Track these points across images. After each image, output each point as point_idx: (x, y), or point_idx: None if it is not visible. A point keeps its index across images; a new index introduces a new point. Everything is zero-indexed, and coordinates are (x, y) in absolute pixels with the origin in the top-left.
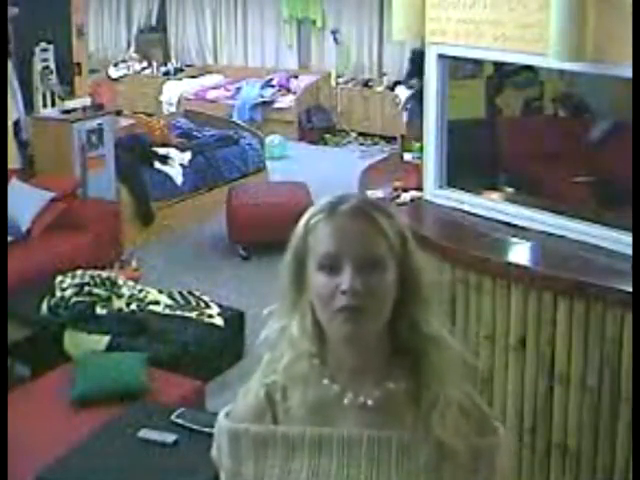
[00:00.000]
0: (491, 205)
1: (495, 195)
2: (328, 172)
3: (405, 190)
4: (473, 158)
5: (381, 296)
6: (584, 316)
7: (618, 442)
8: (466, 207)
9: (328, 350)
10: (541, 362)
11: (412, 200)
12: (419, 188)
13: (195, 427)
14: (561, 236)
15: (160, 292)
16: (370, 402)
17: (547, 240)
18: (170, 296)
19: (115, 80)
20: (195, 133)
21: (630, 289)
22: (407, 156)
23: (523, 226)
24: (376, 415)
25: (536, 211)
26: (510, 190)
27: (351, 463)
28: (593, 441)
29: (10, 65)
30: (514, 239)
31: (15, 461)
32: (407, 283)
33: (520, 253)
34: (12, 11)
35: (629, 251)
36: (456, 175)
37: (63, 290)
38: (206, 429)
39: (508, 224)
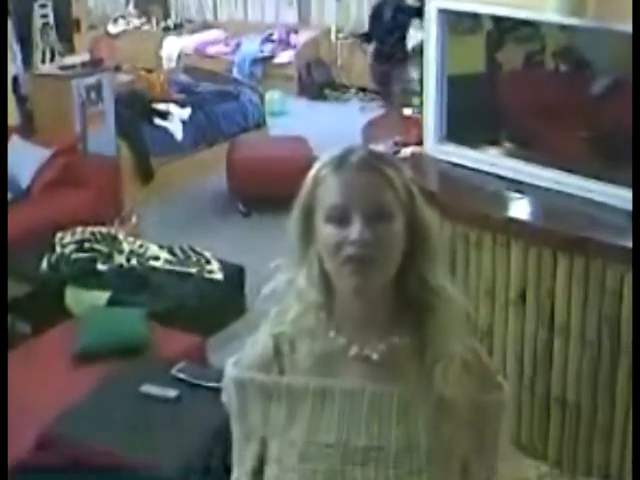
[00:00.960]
0: (491, 160)
1: (495, 150)
2: (328, 127)
3: (405, 145)
4: (473, 113)
5: (389, 247)
6: (584, 271)
7: (617, 396)
8: (466, 162)
9: (335, 303)
10: (541, 316)
11: (412, 155)
12: (419, 143)
13: (196, 382)
14: (561, 192)
15: (160, 247)
16: (375, 356)
17: (547, 196)
18: (170, 251)
19: (114, 36)
20: (195, 89)
21: (630, 244)
22: (407, 111)
23: (523, 181)
24: (380, 369)
25: (536, 166)
26: (510, 145)
27: (353, 414)
28: (592, 395)
29: (9, 22)
30: (514, 194)
31: (17, 418)
32: (415, 235)
33: (520, 208)
34: None
35: (629, 207)
36: (456, 130)
37: (63, 246)
38: (207, 384)
39: (508, 179)
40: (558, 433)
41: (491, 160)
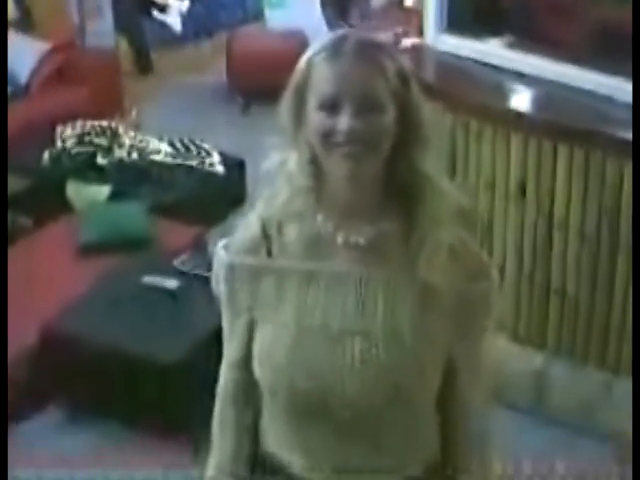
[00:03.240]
0: (493, 51)
1: (497, 41)
2: None
3: (406, 36)
4: (475, 3)
5: (379, 136)
6: (584, 164)
7: (616, 289)
8: (468, 53)
9: (324, 188)
10: (540, 210)
11: (413, 47)
12: (420, 34)
13: (197, 273)
14: (563, 84)
15: (161, 141)
16: (362, 241)
17: (548, 87)
18: (171, 144)
19: None
20: None
21: (630, 137)
22: (408, 1)
23: (524, 73)
24: (367, 254)
25: (538, 58)
26: (512, 36)
27: (337, 298)
28: (591, 288)
29: None
30: (515, 86)
31: (20, 312)
32: (407, 122)
33: (521, 100)
34: None
35: (630, 99)
36: (458, 21)
37: (64, 140)
38: (208, 274)
39: (509, 71)
40: (556, 324)
41: (493, 51)
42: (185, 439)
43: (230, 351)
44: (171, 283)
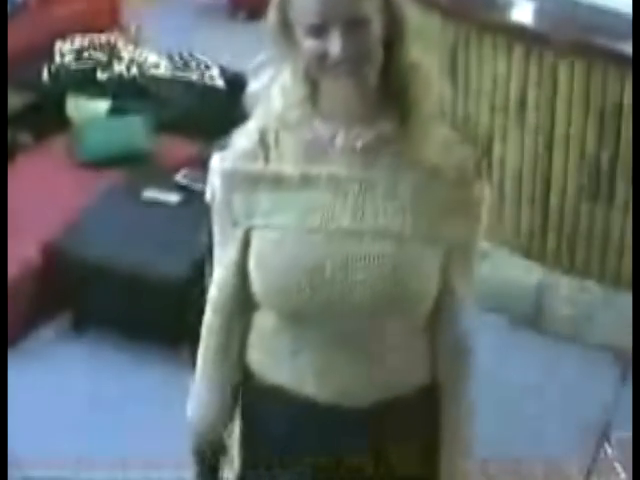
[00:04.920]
0: None
1: None
2: None
3: None
4: None
5: (370, 48)
6: (584, 79)
7: (615, 208)
8: None
9: (321, 95)
10: (541, 125)
11: None
12: None
13: (198, 187)
14: None
15: (160, 55)
16: (360, 144)
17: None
18: (170, 59)
19: None
20: None
21: (630, 50)
22: None
23: None
24: (367, 157)
25: None
26: None
27: (337, 199)
28: (591, 205)
29: None
30: None
31: (22, 228)
32: (391, 21)
33: (522, 12)
34: None
35: (629, 10)
36: None
37: (62, 56)
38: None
39: None
40: (556, 241)
41: None
42: (186, 352)
43: (223, 259)
44: (172, 197)
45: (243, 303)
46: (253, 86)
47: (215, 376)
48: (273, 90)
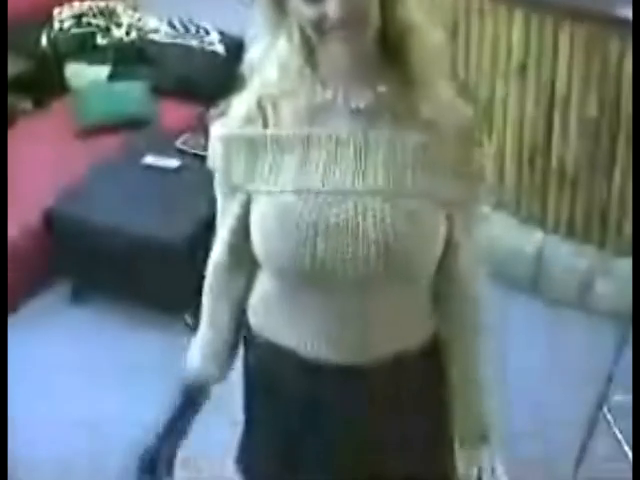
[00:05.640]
0: None
1: None
2: None
3: None
4: None
5: (367, 11)
6: (585, 42)
7: (615, 171)
8: None
9: (319, 60)
10: (542, 90)
11: None
12: None
13: (199, 152)
14: None
15: (159, 20)
16: (361, 105)
17: None
18: (170, 24)
19: None
20: None
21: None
22: None
23: None
24: (367, 118)
25: None
26: None
27: (338, 160)
28: (590, 170)
29: None
30: None
31: (22, 193)
32: None
33: None
34: None
35: None
36: None
37: (61, 21)
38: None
39: None
40: (556, 206)
41: None
42: (187, 318)
43: (225, 223)
44: (172, 162)
45: (245, 266)
46: (251, 54)
47: (215, 313)
48: (269, 59)
